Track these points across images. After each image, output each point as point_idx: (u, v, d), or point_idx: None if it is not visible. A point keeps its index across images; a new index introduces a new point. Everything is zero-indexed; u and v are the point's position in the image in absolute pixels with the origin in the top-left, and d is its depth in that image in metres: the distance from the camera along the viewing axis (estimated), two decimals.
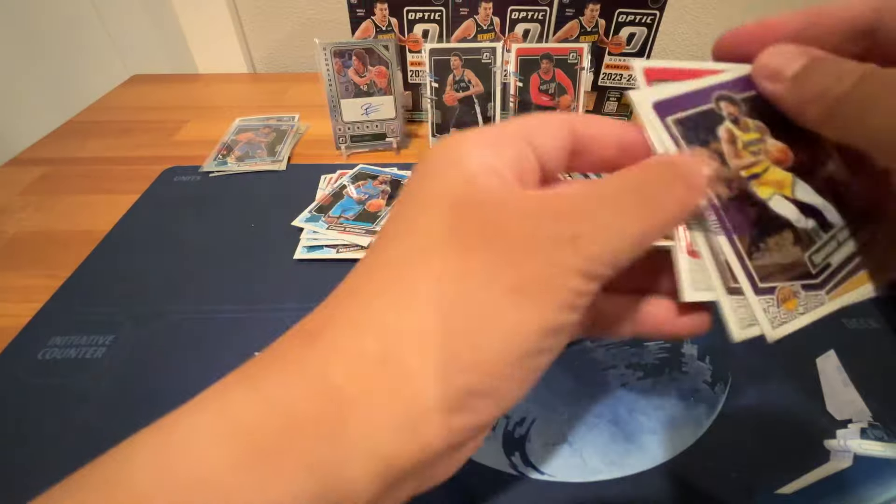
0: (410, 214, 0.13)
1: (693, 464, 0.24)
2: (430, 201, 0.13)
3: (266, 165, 0.47)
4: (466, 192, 0.12)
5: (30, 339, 0.30)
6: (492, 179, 0.12)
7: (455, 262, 0.12)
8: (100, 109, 0.60)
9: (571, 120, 0.15)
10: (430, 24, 0.48)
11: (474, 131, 0.14)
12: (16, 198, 0.44)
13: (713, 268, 0.14)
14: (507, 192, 0.12)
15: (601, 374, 0.28)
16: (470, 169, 0.13)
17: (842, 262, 0.16)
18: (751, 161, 0.14)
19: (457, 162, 0.13)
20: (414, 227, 0.13)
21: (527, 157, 0.14)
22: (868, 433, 0.25)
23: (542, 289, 0.11)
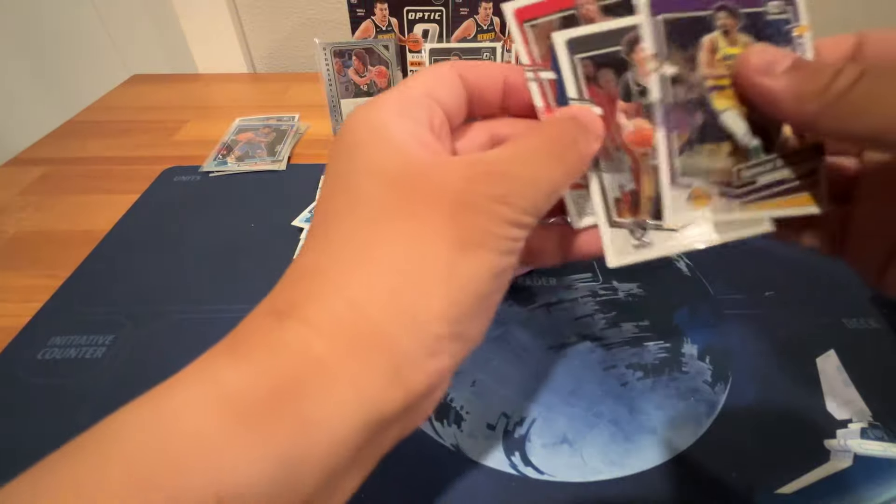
0: (351, 187, 0.14)
1: (693, 464, 0.24)
2: (367, 172, 0.14)
3: (266, 165, 0.47)
4: (401, 163, 0.14)
5: (30, 339, 0.30)
6: (419, 149, 0.14)
7: (404, 226, 0.13)
8: (100, 109, 0.60)
9: (459, 68, 0.16)
10: (430, 24, 0.48)
11: (386, 99, 0.15)
12: (16, 198, 0.44)
13: (598, 199, 0.16)
14: (437, 159, 0.14)
15: (601, 374, 0.28)
16: (397, 140, 0.14)
17: (769, 183, 0.16)
18: (721, 73, 0.15)
19: (381, 133, 0.14)
20: (357, 201, 0.14)
21: (437, 114, 0.15)
22: (868, 433, 0.25)
23: (485, 239, 0.13)
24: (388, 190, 0.13)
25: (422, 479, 0.23)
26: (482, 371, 0.28)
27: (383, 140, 0.14)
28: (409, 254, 0.13)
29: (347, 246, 0.13)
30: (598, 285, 0.33)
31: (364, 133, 0.14)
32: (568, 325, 0.31)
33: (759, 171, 0.16)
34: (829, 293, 0.33)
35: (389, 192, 0.13)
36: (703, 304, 0.32)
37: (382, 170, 0.14)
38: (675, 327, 0.30)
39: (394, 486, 0.23)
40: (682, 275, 0.34)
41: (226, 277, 0.34)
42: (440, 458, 0.24)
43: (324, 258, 0.14)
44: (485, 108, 0.17)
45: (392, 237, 0.13)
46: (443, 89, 0.16)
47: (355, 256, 0.13)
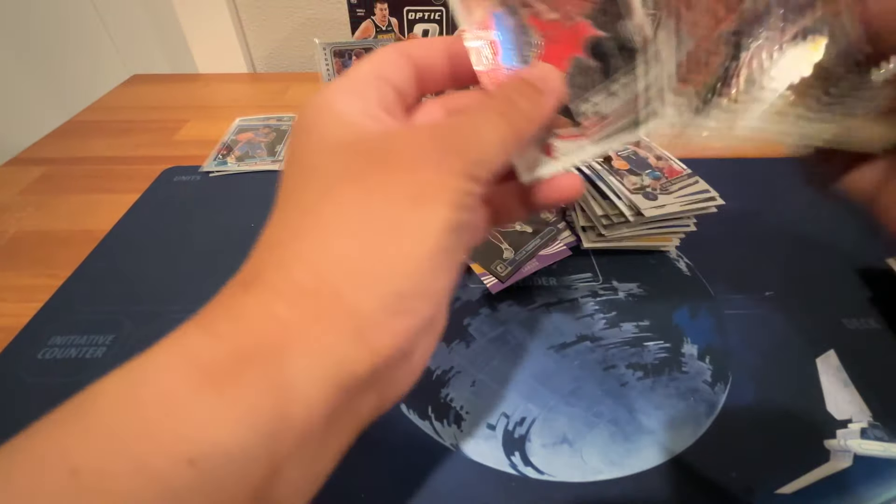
0: (305, 163, 0.15)
1: (693, 464, 0.24)
2: (319, 148, 0.14)
3: (266, 165, 0.47)
4: (350, 133, 0.14)
5: (30, 339, 0.30)
6: (368, 121, 0.14)
7: (356, 190, 0.13)
8: (100, 109, 0.60)
9: (405, 48, 0.16)
10: (430, 24, 0.48)
11: (334, 83, 0.15)
12: (16, 198, 0.44)
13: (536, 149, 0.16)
14: (386, 127, 0.15)
15: (601, 374, 0.28)
16: (346, 116, 0.14)
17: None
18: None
19: (331, 112, 0.15)
20: (312, 174, 0.14)
21: (386, 92, 0.16)
22: (868, 433, 0.25)
23: (436, 193, 0.13)
24: (339, 160, 0.14)
25: (422, 479, 0.23)
26: (482, 371, 0.28)
27: (332, 118, 0.15)
28: (362, 216, 0.13)
29: (305, 216, 0.14)
30: (598, 285, 0.33)
31: (314, 114, 0.15)
32: (568, 325, 0.31)
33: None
34: (829, 293, 0.33)
35: (340, 161, 0.14)
36: (703, 304, 0.32)
37: (333, 143, 0.14)
38: (675, 327, 0.30)
39: (394, 486, 0.23)
40: (682, 275, 0.34)
41: (225, 277, 0.34)
42: (440, 458, 0.24)
43: (284, 231, 0.14)
44: (435, 83, 0.17)
45: (344, 202, 0.13)
46: (389, 68, 0.16)
47: (312, 224, 0.13)
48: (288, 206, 0.15)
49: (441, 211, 0.13)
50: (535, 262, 0.33)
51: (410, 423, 0.25)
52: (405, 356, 0.14)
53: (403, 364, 0.14)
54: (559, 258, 0.34)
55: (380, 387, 0.14)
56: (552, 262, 0.34)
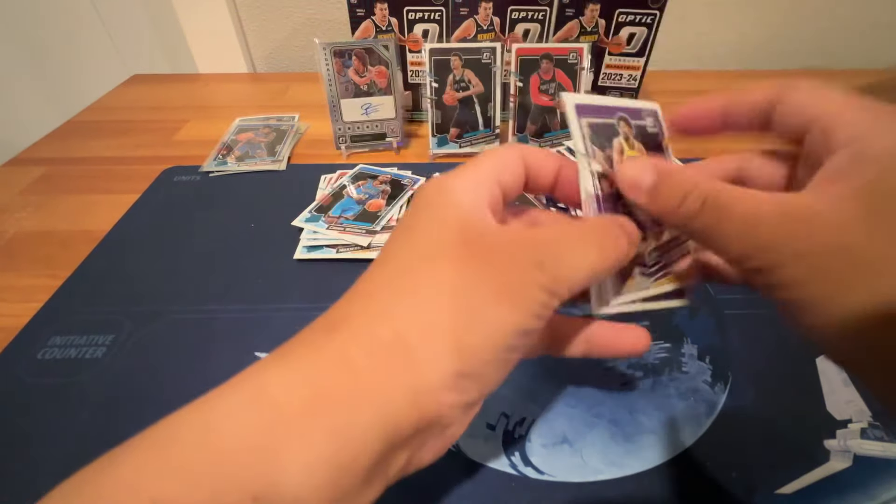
0: (418, 231, 0.16)
1: (693, 464, 0.24)
2: (429, 221, 0.16)
3: (266, 165, 0.47)
4: (464, 219, 0.16)
5: (30, 339, 0.30)
6: (480, 214, 0.16)
7: (454, 268, 0.15)
8: (100, 109, 0.60)
9: (524, 155, 0.18)
10: (430, 24, 0.48)
11: (457, 174, 0.17)
12: (16, 198, 0.44)
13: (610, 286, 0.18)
14: (492, 223, 0.16)
15: (601, 374, 0.28)
16: (463, 205, 0.16)
17: (669, 262, 0.20)
18: None
19: (451, 198, 0.16)
20: (416, 240, 0.16)
21: (497, 193, 0.17)
22: (868, 433, 0.25)
23: (518, 297, 0.15)
24: (447, 237, 0.15)
25: (422, 479, 0.23)
26: None
27: (450, 201, 0.16)
28: (453, 293, 0.14)
29: (400, 275, 0.15)
30: None
31: (436, 193, 0.17)
32: None
33: (660, 253, 0.19)
34: None
35: (447, 239, 0.15)
36: (703, 304, 0.32)
37: (444, 220, 0.16)
38: (675, 327, 0.30)
39: (393, 486, 0.23)
40: None
41: (226, 277, 0.34)
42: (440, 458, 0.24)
43: (377, 284, 0.16)
44: (538, 189, 0.20)
45: (440, 275, 0.15)
46: (507, 172, 0.18)
47: (405, 285, 0.15)
48: (387, 261, 0.16)
49: (517, 313, 0.14)
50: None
51: None
52: (442, 428, 0.15)
53: (438, 434, 0.15)
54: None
55: (413, 448, 0.15)
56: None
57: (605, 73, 0.51)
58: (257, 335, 0.30)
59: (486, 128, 0.47)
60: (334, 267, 0.35)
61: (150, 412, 0.27)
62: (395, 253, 0.16)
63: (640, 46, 0.48)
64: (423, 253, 0.15)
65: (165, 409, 0.18)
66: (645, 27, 0.47)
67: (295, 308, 0.32)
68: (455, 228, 0.16)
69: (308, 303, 0.32)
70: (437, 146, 0.47)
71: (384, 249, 0.17)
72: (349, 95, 0.46)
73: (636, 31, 0.48)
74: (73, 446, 0.24)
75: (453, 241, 0.15)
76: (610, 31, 0.48)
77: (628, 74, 0.51)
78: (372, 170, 0.44)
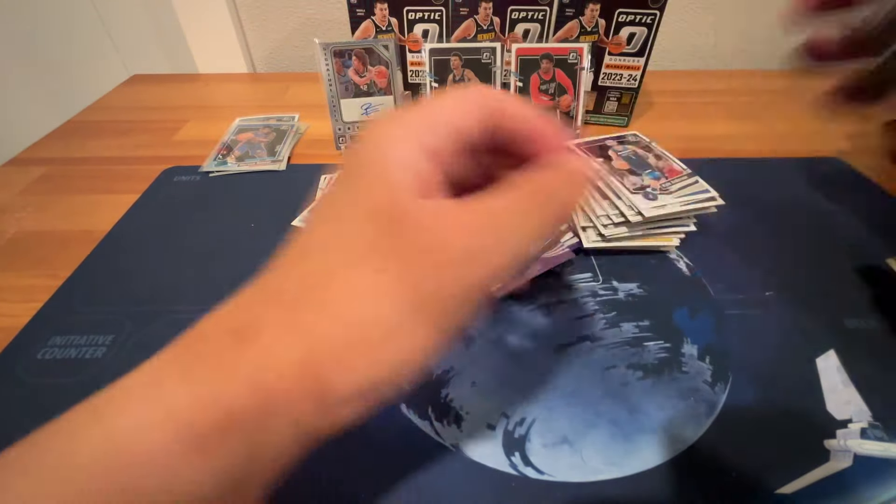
0: (341, 220, 0.15)
1: (693, 464, 0.24)
2: (355, 212, 0.15)
3: (266, 165, 0.47)
4: (388, 204, 0.14)
5: (30, 339, 0.30)
6: (411, 189, 0.14)
7: (370, 279, 0.14)
8: (100, 109, 0.60)
9: (491, 104, 0.16)
10: (430, 24, 0.48)
11: (397, 125, 0.15)
12: (16, 198, 0.44)
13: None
14: (424, 205, 0.14)
15: (601, 374, 0.28)
16: (392, 176, 0.14)
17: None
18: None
19: (381, 164, 0.15)
20: (338, 239, 0.15)
21: (451, 140, 0.15)
22: (868, 433, 0.25)
23: (439, 312, 0.14)
24: (368, 234, 0.14)
25: (422, 479, 0.23)
26: (482, 371, 0.28)
27: (379, 171, 0.15)
28: (365, 310, 0.14)
29: (317, 279, 0.14)
30: (598, 285, 0.33)
31: (366, 160, 0.15)
32: (568, 325, 0.31)
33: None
34: (829, 293, 0.33)
35: (368, 236, 0.14)
36: (703, 304, 0.32)
37: (372, 207, 0.14)
38: (675, 327, 0.30)
39: (393, 486, 0.23)
40: (682, 275, 0.34)
41: (225, 277, 0.34)
42: (440, 458, 0.24)
43: (292, 284, 0.15)
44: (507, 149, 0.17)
45: (356, 288, 0.14)
46: (462, 129, 0.16)
47: (321, 297, 0.14)
48: (306, 256, 0.15)
49: (436, 333, 0.14)
50: (539, 265, 0.33)
51: (410, 423, 0.25)
52: (357, 419, 0.15)
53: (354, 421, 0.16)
54: (562, 260, 0.34)
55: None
56: (555, 265, 0.34)
57: (605, 73, 0.51)
58: None
59: None
60: None
61: None
62: (317, 244, 0.15)
63: (640, 46, 0.48)
64: (344, 256, 0.14)
65: None
66: (645, 27, 0.47)
67: None
68: (380, 219, 0.14)
69: None
70: None
71: (307, 229, 0.16)
72: (349, 95, 0.46)
73: (636, 31, 0.48)
74: None
75: (376, 237, 0.14)
76: (610, 31, 0.48)
77: (628, 74, 0.51)
78: None
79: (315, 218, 0.16)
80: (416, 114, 0.15)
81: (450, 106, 0.16)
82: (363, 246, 0.14)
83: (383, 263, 0.14)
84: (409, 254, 0.14)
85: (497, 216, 0.14)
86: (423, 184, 0.15)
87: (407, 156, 0.15)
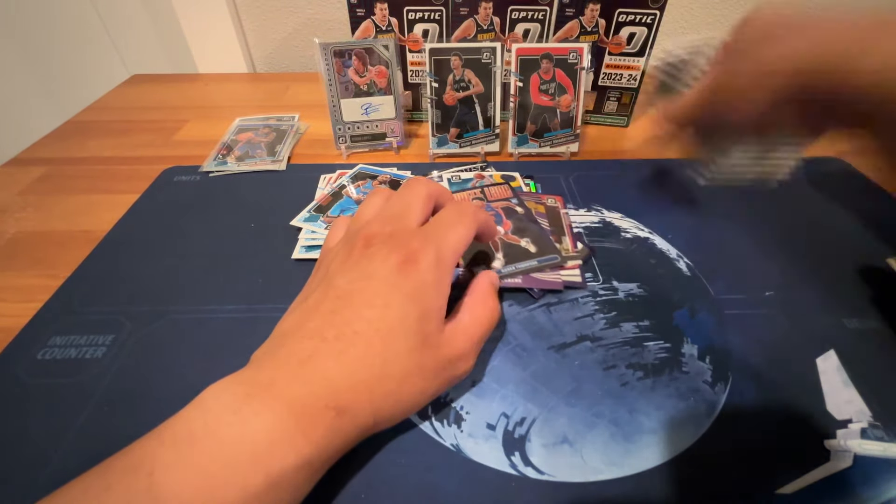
0: (386, 308, 0.22)
1: (693, 464, 0.24)
2: (406, 323, 0.22)
3: (266, 165, 0.47)
4: (427, 331, 0.23)
5: (30, 339, 0.30)
6: (440, 323, 0.24)
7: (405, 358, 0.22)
8: (100, 109, 0.60)
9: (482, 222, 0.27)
10: (430, 24, 0.48)
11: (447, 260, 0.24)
12: (16, 198, 0.44)
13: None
14: (442, 330, 0.24)
15: (601, 374, 0.28)
16: (435, 314, 0.23)
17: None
18: None
19: (429, 302, 0.23)
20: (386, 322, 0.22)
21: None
22: (868, 433, 0.25)
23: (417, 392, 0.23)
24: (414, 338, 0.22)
25: (422, 479, 0.23)
26: (482, 371, 0.28)
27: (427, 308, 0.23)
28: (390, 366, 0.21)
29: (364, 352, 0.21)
30: (598, 285, 0.33)
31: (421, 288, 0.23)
32: (568, 325, 0.31)
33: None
34: (829, 293, 0.33)
35: (414, 340, 0.22)
36: (703, 304, 0.32)
37: (418, 329, 0.22)
38: (675, 327, 0.30)
39: (393, 486, 0.23)
40: (682, 275, 0.34)
41: (226, 277, 0.34)
42: (440, 458, 0.24)
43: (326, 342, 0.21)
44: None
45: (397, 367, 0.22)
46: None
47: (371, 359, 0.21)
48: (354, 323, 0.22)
49: (437, 388, 0.24)
50: (520, 280, 0.33)
51: (410, 423, 0.25)
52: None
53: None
54: (548, 287, 0.33)
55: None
56: (539, 288, 0.32)
57: (605, 72, 0.51)
58: (257, 335, 0.30)
59: (486, 127, 0.47)
60: None
61: (150, 412, 0.27)
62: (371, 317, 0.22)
63: (640, 46, 0.48)
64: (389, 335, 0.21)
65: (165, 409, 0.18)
66: (645, 27, 0.47)
67: None
68: (420, 336, 0.22)
69: None
70: (437, 146, 0.47)
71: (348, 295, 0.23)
72: (349, 95, 0.46)
73: (636, 31, 0.48)
74: (73, 446, 0.24)
75: (416, 341, 0.22)
76: (610, 31, 0.48)
77: (628, 74, 0.51)
78: (371, 170, 0.44)
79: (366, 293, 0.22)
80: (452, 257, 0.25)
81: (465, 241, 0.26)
82: (406, 344, 0.22)
83: (419, 354, 0.22)
84: (435, 356, 0.23)
85: (467, 327, 0.25)
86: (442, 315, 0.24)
87: (442, 305, 0.24)
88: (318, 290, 0.24)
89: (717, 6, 0.68)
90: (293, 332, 0.22)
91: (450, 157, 0.48)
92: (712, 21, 0.69)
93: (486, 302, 0.26)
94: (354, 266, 0.23)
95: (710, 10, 0.68)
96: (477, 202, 0.34)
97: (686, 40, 0.29)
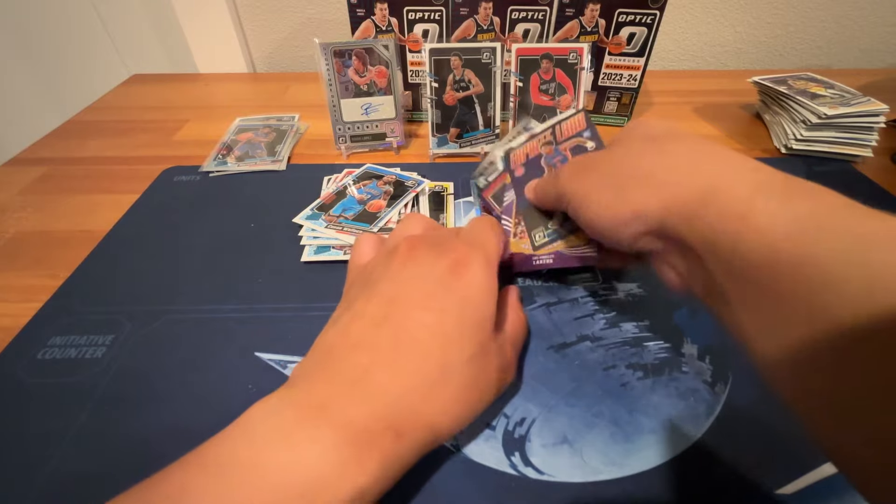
0: (442, 312, 0.21)
1: (693, 464, 0.24)
2: (462, 329, 0.22)
3: (266, 165, 0.47)
4: (483, 338, 0.22)
5: (29, 339, 0.30)
6: (492, 331, 0.23)
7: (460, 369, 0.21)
8: (100, 109, 0.60)
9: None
10: (430, 24, 0.48)
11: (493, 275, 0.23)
12: (16, 198, 0.44)
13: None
14: (495, 339, 0.23)
15: (601, 374, 0.28)
16: (488, 324, 0.22)
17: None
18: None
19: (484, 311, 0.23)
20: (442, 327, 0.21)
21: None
22: None
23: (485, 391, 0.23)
24: (473, 345, 0.21)
25: (422, 479, 0.23)
26: None
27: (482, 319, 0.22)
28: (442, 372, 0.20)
29: (422, 361, 0.20)
30: (598, 285, 0.33)
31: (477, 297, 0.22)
32: (568, 325, 0.31)
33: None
34: None
35: (473, 346, 0.21)
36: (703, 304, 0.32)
37: (475, 338, 0.22)
38: (675, 327, 0.30)
39: (393, 486, 0.23)
40: None
41: (226, 277, 0.34)
42: (440, 458, 0.24)
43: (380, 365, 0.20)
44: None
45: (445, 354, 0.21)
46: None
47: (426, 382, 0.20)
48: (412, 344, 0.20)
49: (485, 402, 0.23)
50: (550, 259, 0.31)
51: None
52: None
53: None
54: (576, 264, 0.31)
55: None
56: (569, 265, 0.31)
57: (605, 73, 0.51)
58: (257, 335, 0.30)
59: (486, 128, 0.47)
60: (335, 266, 0.35)
61: (150, 412, 0.27)
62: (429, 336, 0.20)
63: (640, 46, 0.48)
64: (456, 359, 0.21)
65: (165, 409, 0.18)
66: (645, 27, 0.47)
67: (295, 308, 0.32)
68: (475, 345, 0.21)
69: (309, 303, 0.32)
70: (437, 146, 0.47)
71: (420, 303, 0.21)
72: (349, 95, 0.46)
73: (636, 31, 0.48)
74: (73, 446, 0.24)
75: (474, 349, 0.21)
76: (610, 31, 0.48)
77: (628, 74, 0.51)
78: (377, 170, 0.44)
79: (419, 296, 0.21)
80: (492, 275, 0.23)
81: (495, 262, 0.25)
82: (464, 352, 0.21)
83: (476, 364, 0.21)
84: (491, 365, 0.22)
85: (510, 337, 0.25)
86: (493, 323, 0.23)
87: (494, 312, 0.23)
88: (360, 298, 0.22)
89: (717, 6, 0.68)
90: (340, 343, 0.21)
91: (450, 157, 0.48)
92: (712, 21, 0.69)
93: (518, 313, 0.27)
94: (401, 269, 0.22)
95: (710, 10, 0.68)
96: (546, 147, 0.32)
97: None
